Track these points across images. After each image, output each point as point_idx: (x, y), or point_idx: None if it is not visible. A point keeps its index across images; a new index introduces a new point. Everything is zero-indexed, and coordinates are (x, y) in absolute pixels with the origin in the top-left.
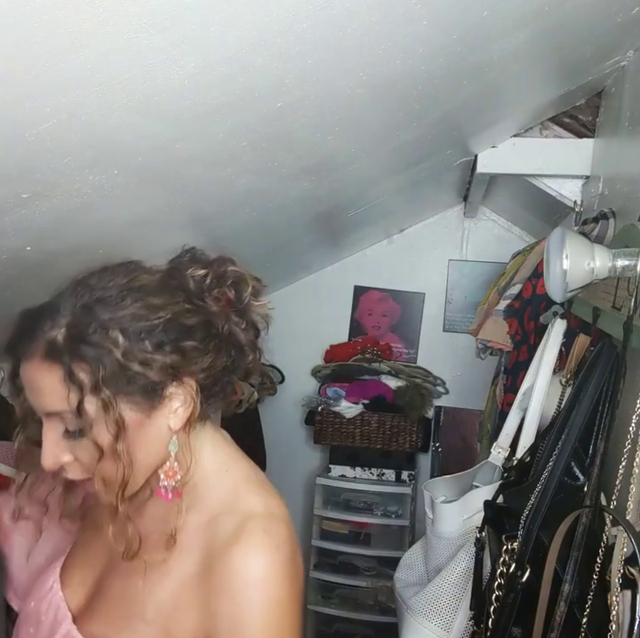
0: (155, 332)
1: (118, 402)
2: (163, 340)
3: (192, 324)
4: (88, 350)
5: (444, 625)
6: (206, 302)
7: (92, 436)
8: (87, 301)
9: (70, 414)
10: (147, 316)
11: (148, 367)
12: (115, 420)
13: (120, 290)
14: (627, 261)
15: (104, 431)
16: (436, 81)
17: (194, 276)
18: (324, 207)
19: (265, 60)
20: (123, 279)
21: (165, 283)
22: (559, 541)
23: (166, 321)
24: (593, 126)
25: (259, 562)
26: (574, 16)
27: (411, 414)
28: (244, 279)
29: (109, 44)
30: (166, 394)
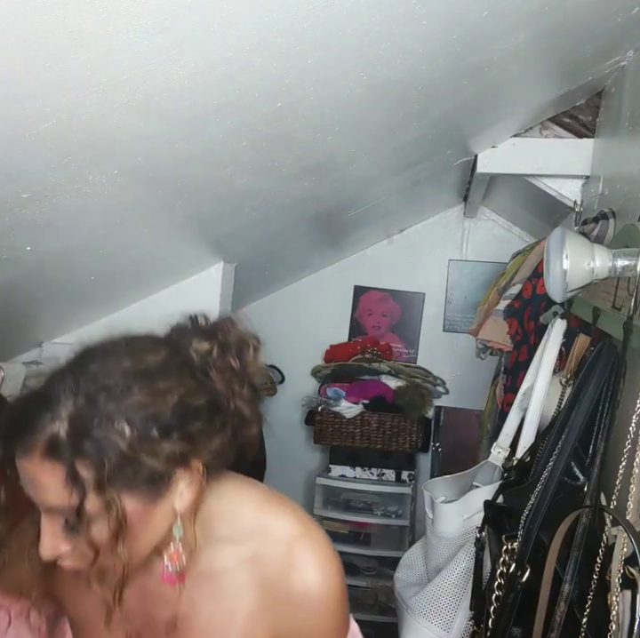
0: (162, 419)
1: (122, 497)
2: (170, 426)
3: (199, 405)
4: (92, 445)
5: (444, 625)
6: (211, 378)
7: (90, 533)
8: (90, 391)
9: (69, 511)
10: (153, 403)
11: (155, 457)
12: (116, 519)
13: (125, 376)
14: (627, 261)
15: (104, 528)
16: (436, 81)
17: (198, 351)
18: (324, 207)
19: (265, 60)
20: (127, 362)
21: (170, 363)
22: (559, 541)
23: (173, 405)
24: (593, 126)
25: (320, 582)
26: (574, 16)
27: (411, 414)
28: (245, 342)
29: (109, 44)
30: (173, 481)
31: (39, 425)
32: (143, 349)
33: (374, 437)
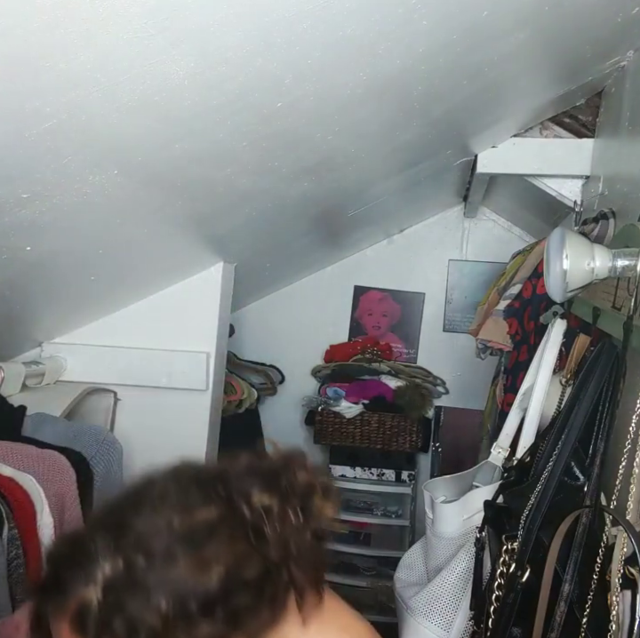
0: (204, 593)
1: None
2: (213, 603)
3: (248, 577)
4: (122, 623)
5: (444, 625)
6: (267, 540)
7: None
8: (131, 554)
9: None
10: (197, 575)
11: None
12: None
13: (170, 539)
14: (627, 261)
15: None
16: (435, 81)
17: (255, 506)
18: (324, 207)
19: (265, 60)
20: (176, 520)
21: (221, 522)
22: (559, 541)
23: (219, 578)
24: (593, 126)
25: None
26: (574, 16)
27: (411, 414)
28: (313, 489)
29: (109, 44)
30: None
31: (72, 583)
32: (195, 502)
33: (374, 437)
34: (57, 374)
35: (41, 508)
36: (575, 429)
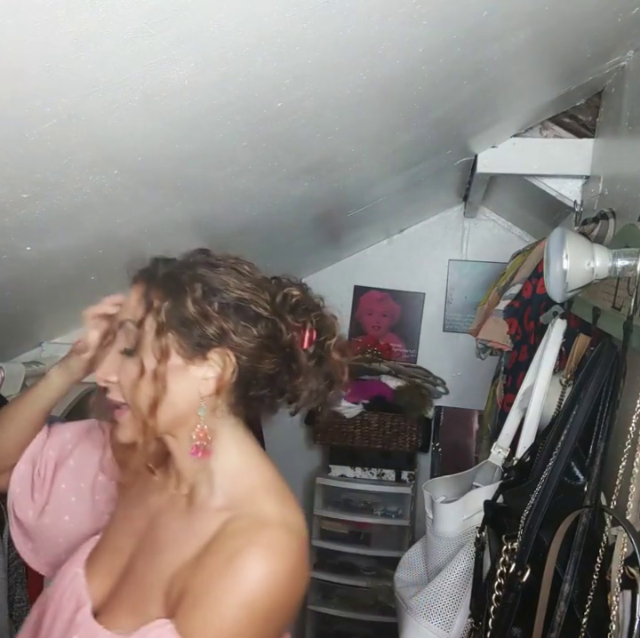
0: (227, 301)
1: (169, 334)
2: (230, 309)
3: (260, 316)
4: (171, 284)
5: (444, 625)
6: (284, 317)
7: (140, 356)
8: (200, 261)
9: (132, 326)
10: (230, 288)
11: (206, 320)
12: (161, 346)
13: (226, 266)
14: (627, 261)
15: (150, 355)
16: (436, 81)
17: (286, 293)
18: (324, 207)
19: (265, 60)
20: (231, 261)
21: (262, 282)
22: (559, 541)
23: (242, 299)
24: (593, 126)
25: (257, 570)
26: (574, 16)
27: (411, 414)
28: (331, 327)
29: (109, 44)
30: (207, 356)
31: (158, 265)
32: (246, 263)
33: (374, 437)
34: None
35: None
36: (575, 429)
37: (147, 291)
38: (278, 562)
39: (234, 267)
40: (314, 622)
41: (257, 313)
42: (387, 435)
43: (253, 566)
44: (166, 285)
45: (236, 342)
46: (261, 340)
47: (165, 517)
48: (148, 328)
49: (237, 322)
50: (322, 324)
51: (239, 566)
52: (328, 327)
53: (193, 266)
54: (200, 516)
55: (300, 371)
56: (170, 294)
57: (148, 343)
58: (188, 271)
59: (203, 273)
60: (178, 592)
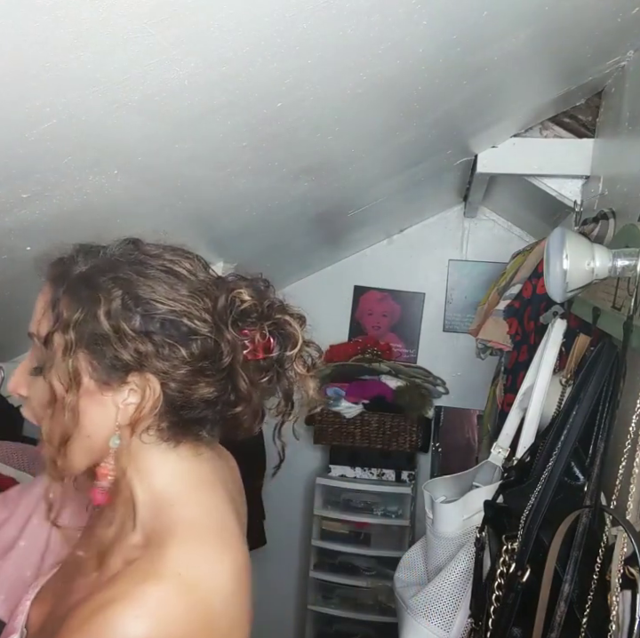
0: (152, 314)
1: (80, 354)
2: (153, 327)
3: (195, 331)
4: (84, 291)
5: (444, 625)
6: (226, 331)
7: (48, 378)
8: (127, 257)
9: (38, 342)
10: (159, 298)
11: (120, 342)
12: (69, 370)
13: (159, 266)
14: (627, 261)
15: (59, 376)
16: (435, 81)
17: (233, 297)
18: (324, 207)
19: (265, 60)
20: (170, 257)
21: (203, 286)
22: (559, 541)
23: (172, 312)
24: (593, 126)
25: (117, 629)
26: (574, 16)
27: (411, 414)
28: (292, 336)
29: (109, 44)
30: (126, 381)
31: (72, 261)
32: (193, 263)
33: (374, 437)
34: None
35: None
36: (575, 429)
37: (54, 298)
38: (146, 624)
39: (168, 268)
40: (314, 622)
41: (191, 329)
42: (387, 435)
43: (115, 624)
44: (78, 291)
45: (158, 368)
46: (193, 363)
47: (87, 557)
48: (56, 345)
49: (162, 342)
50: (280, 333)
51: (100, 621)
52: (288, 336)
53: (116, 265)
54: (115, 553)
55: (241, 396)
56: (81, 303)
57: (57, 365)
58: (108, 272)
59: (126, 276)
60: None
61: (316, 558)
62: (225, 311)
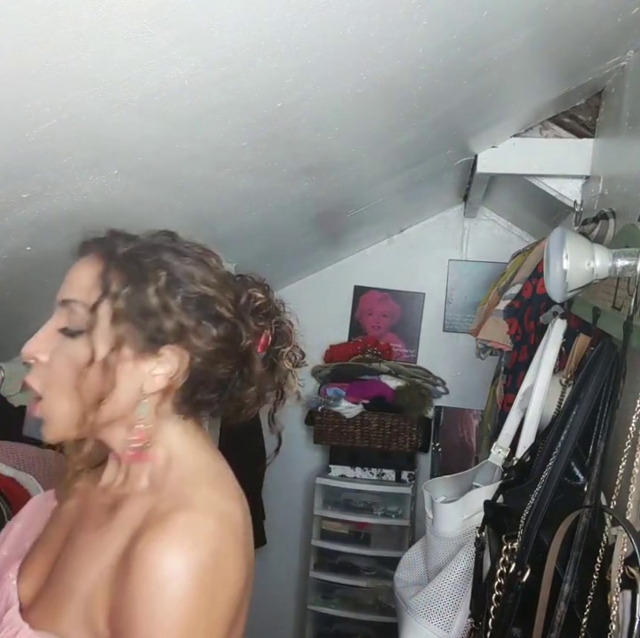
0: (190, 295)
1: (123, 324)
2: (192, 305)
3: (221, 316)
4: (133, 268)
5: (443, 625)
6: (246, 321)
7: (90, 341)
8: (165, 245)
9: (81, 308)
10: (195, 282)
11: (166, 315)
12: (116, 336)
13: (194, 255)
14: (627, 261)
15: (102, 343)
16: (435, 81)
17: (250, 294)
18: (324, 207)
19: (265, 60)
20: (199, 251)
21: (227, 279)
22: (559, 541)
23: (206, 296)
24: (593, 126)
25: (166, 558)
26: (574, 16)
27: (411, 414)
28: (288, 335)
29: (109, 44)
30: (159, 352)
31: (113, 242)
32: (213, 255)
33: (374, 437)
34: None
35: None
36: (575, 429)
37: (105, 271)
38: (196, 548)
39: (201, 259)
40: (314, 622)
41: (219, 313)
42: (387, 435)
43: (167, 559)
44: (128, 268)
45: (193, 343)
46: (219, 344)
47: (91, 516)
48: (103, 313)
49: (198, 320)
50: (279, 331)
51: (151, 564)
52: (285, 334)
53: (157, 249)
54: (131, 504)
55: (253, 380)
56: (131, 279)
57: (101, 329)
58: (152, 254)
59: (168, 259)
60: (102, 604)
61: (316, 558)
62: (245, 304)
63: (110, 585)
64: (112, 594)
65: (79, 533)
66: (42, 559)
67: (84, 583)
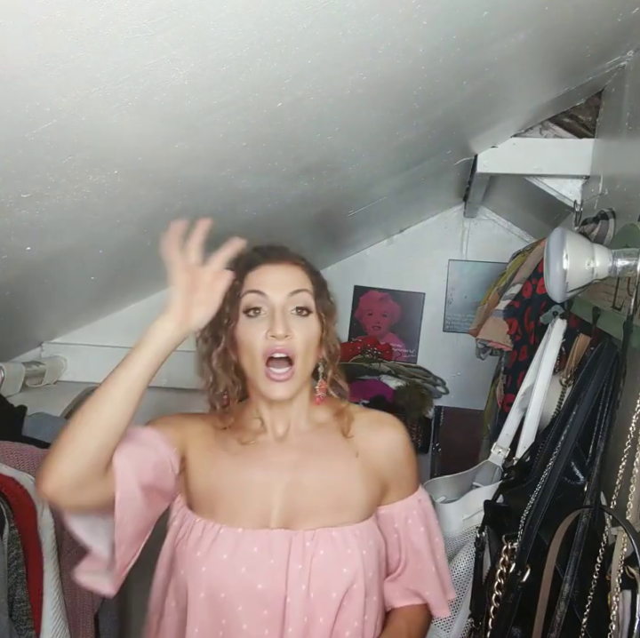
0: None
1: (323, 307)
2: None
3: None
4: (322, 278)
5: (443, 625)
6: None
7: (314, 317)
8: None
9: (308, 293)
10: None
11: (330, 298)
12: (327, 311)
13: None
14: (627, 261)
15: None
16: (435, 81)
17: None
18: (324, 207)
19: (265, 60)
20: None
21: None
22: (559, 541)
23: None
24: (593, 126)
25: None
26: (574, 16)
27: (411, 414)
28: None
29: (109, 44)
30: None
31: (295, 257)
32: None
33: None
34: (57, 374)
35: (41, 508)
36: (575, 429)
37: (314, 275)
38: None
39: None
40: None
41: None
42: None
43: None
44: (321, 276)
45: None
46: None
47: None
48: (324, 300)
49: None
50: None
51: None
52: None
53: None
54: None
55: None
56: (325, 285)
57: (318, 311)
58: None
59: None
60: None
61: None
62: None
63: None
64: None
65: (310, 459)
66: (259, 496)
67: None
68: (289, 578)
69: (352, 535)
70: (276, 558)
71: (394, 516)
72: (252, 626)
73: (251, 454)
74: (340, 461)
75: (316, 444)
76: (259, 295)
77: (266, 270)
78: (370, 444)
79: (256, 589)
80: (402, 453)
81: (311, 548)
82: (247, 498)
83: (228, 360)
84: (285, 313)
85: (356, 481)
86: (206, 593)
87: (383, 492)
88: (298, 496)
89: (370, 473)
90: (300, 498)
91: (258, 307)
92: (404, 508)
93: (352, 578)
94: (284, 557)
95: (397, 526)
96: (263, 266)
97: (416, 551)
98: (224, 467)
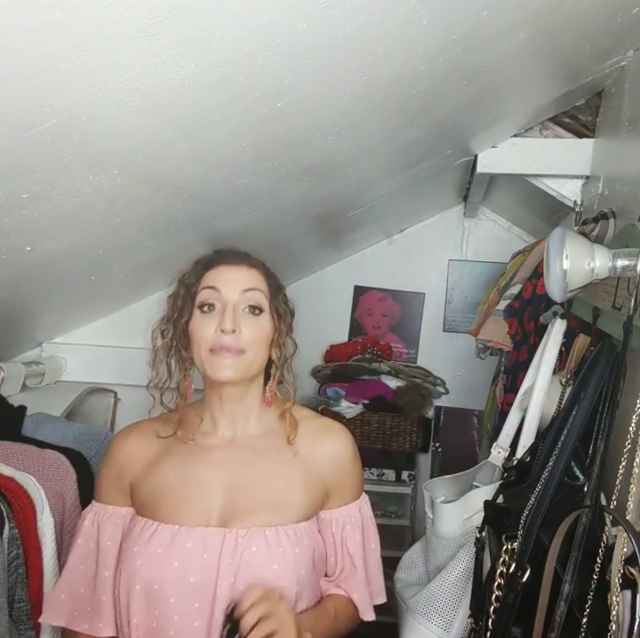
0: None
1: (276, 310)
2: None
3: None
4: (278, 281)
5: (443, 625)
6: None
7: (266, 317)
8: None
9: (261, 293)
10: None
11: (285, 303)
12: (284, 312)
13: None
14: (627, 261)
15: (273, 319)
16: (436, 81)
17: None
18: (324, 207)
19: (265, 60)
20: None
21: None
22: (559, 541)
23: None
24: (593, 126)
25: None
26: (574, 16)
27: (411, 414)
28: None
29: (109, 44)
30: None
31: (253, 260)
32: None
33: (374, 437)
34: (57, 374)
35: (41, 508)
36: (575, 429)
37: (270, 278)
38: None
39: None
40: None
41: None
42: (387, 435)
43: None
44: (277, 280)
45: (289, 324)
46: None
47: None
48: (278, 303)
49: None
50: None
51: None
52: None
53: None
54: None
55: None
56: (281, 289)
57: (271, 312)
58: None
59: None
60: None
61: None
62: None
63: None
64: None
65: (250, 460)
66: (202, 494)
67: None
68: (220, 571)
69: (285, 534)
70: (209, 553)
71: (332, 522)
72: (183, 617)
73: (197, 455)
74: (281, 465)
75: (261, 447)
76: (213, 291)
77: (222, 269)
78: (315, 452)
79: (188, 582)
80: (345, 462)
81: (243, 544)
82: (189, 496)
83: (182, 355)
84: (237, 310)
85: (296, 484)
86: (141, 585)
87: (324, 497)
88: (238, 496)
89: (311, 477)
90: (239, 498)
91: (211, 303)
92: (343, 515)
93: (283, 575)
94: (217, 553)
95: (334, 531)
96: (220, 265)
97: (350, 556)
98: (169, 470)
